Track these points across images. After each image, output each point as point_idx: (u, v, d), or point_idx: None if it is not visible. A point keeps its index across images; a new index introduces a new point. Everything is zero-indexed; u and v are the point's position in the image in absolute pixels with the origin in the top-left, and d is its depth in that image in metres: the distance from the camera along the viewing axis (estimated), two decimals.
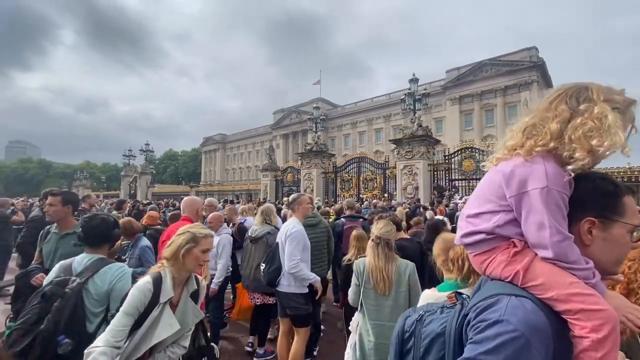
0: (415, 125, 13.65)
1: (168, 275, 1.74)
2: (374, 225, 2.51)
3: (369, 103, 51.08)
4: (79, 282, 1.88)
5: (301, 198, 3.42)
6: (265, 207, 3.93)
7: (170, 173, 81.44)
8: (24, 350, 1.69)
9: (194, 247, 1.80)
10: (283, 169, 21.26)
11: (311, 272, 3.19)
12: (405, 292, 2.32)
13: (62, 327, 1.75)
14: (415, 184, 13.36)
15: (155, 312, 1.65)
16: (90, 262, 2.01)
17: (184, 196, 19.92)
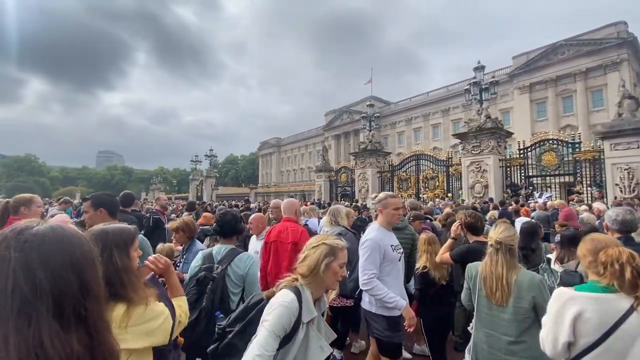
0: (482, 117, 12.46)
1: (307, 292, 1.58)
2: (493, 229, 2.26)
3: (424, 97, 48.60)
4: (222, 268, 2.30)
5: (388, 200, 2.75)
6: (334, 208, 3.76)
7: (231, 176, 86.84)
8: (192, 323, 2.02)
9: (333, 261, 1.62)
10: (336, 169, 21.13)
11: (393, 295, 2.49)
12: (528, 309, 1.99)
13: (216, 304, 2.19)
14: (485, 182, 12.17)
15: (301, 333, 1.50)
16: (226, 251, 2.43)
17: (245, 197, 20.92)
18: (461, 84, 44.58)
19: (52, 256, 0.65)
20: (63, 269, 0.65)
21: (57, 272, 0.64)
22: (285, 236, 3.19)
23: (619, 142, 9.29)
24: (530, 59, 36.50)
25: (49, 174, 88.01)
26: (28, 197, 2.67)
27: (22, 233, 0.66)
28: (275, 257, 3.19)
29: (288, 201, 3.53)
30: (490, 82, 13.10)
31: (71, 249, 0.68)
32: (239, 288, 2.33)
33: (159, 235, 4.95)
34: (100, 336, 0.69)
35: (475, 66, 13.28)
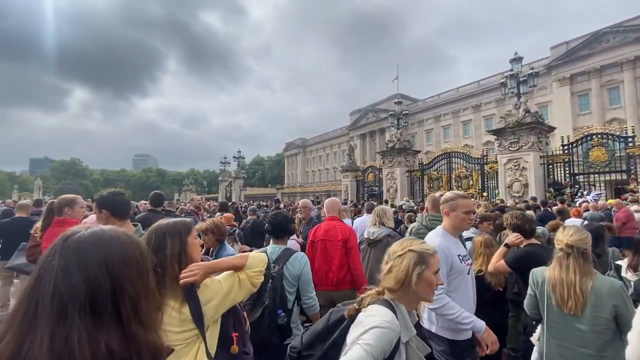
0: (521, 112, 11.71)
1: (402, 308, 1.40)
2: (561, 231, 2.04)
3: (454, 93, 46.84)
4: (279, 268, 2.35)
5: (458, 201, 2.29)
6: (380, 208, 3.67)
7: (258, 177, 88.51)
8: (256, 320, 2.14)
9: (425, 270, 1.41)
10: (363, 169, 20.81)
11: (469, 314, 2.06)
12: (609, 319, 1.76)
13: (277, 303, 2.25)
14: (524, 181, 11.44)
15: (401, 355, 1.30)
16: (280, 251, 2.47)
17: (271, 197, 21.10)
18: (493, 79, 42.62)
19: (88, 259, 0.68)
20: (98, 270, 0.68)
21: (92, 274, 0.67)
22: (334, 234, 3.19)
23: None
24: (571, 48, 34.18)
25: (91, 177, 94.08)
26: (71, 198, 2.72)
27: (67, 239, 0.71)
28: (323, 255, 3.22)
29: (331, 200, 3.55)
30: (529, 74, 12.30)
31: (107, 251, 0.71)
32: (294, 287, 2.40)
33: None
34: (139, 335, 0.69)
35: (511, 57, 12.53)
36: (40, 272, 0.67)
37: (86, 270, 0.67)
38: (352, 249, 3.19)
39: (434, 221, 3.03)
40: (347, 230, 3.26)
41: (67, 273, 0.65)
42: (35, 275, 0.67)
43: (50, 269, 0.66)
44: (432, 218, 3.11)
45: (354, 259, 3.17)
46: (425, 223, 3.06)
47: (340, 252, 3.16)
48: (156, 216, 3.95)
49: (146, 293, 0.74)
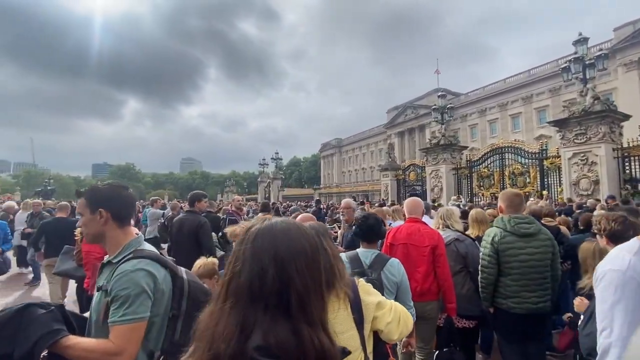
0: (588, 99, 10.36)
1: None
2: None
3: (500, 85, 43.71)
4: (377, 274, 2.18)
5: None
6: (445, 210, 3.28)
7: (294, 178, 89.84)
8: None
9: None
10: (404, 167, 19.95)
11: None
12: None
13: None
14: (594, 177, 10.09)
15: None
16: (374, 256, 2.28)
17: (309, 197, 21.01)
18: (545, 67, 39.08)
19: (259, 251, 0.71)
20: (268, 262, 0.69)
21: (264, 265, 0.69)
22: (419, 239, 2.84)
23: None
24: (638, 29, 30.22)
25: (144, 180, 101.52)
26: None
27: (247, 231, 0.76)
28: (405, 262, 2.81)
29: (413, 200, 3.22)
30: (597, 56, 10.89)
31: (276, 243, 0.72)
32: (393, 296, 2.21)
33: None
34: (304, 333, 0.66)
35: (575, 39, 11.16)
36: (230, 260, 0.74)
37: (259, 261, 0.69)
38: (441, 256, 2.82)
39: (521, 224, 2.53)
40: (435, 236, 2.90)
41: (245, 264, 0.70)
42: (230, 263, 0.74)
43: (234, 259, 0.73)
44: (518, 221, 2.56)
45: (443, 268, 2.80)
46: (511, 228, 2.52)
47: (427, 259, 2.81)
48: (195, 217, 3.90)
49: (315, 289, 0.72)
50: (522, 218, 2.55)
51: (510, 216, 2.56)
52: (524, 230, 2.49)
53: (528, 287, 2.42)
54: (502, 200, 2.70)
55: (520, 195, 2.73)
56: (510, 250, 2.45)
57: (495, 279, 2.53)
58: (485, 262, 2.58)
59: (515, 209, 2.62)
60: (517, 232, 2.47)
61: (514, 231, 2.48)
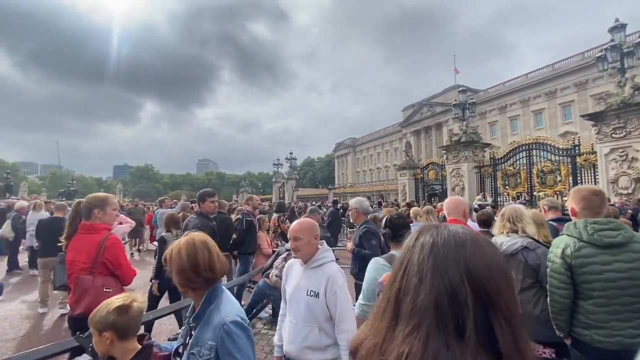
0: (627, 89, 9.54)
1: None
2: None
3: (522, 80, 42.02)
4: None
5: None
6: (512, 209, 2.69)
7: (309, 178, 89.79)
8: None
9: None
10: (423, 166, 19.28)
11: None
12: None
13: None
14: (635, 174, 9.27)
15: None
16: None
17: (323, 197, 20.51)
18: (569, 61, 37.27)
19: (444, 263, 0.60)
20: (457, 277, 0.57)
21: (453, 281, 0.58)
22: None
23: None
24: None
25: (162, 180, 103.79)
26: (102, 198, 2.26)
27: (417, 238, 0.67)
28: None
29: (454, 200, 2.91)
30: (637, 44, 10.01)
31: (466, 255, 0.60)
32: None
33: (250, 240, 4.59)
34: None
35: (611, 26, 10.32)
36: (399, 271, 0.64)
37: (445, 276, 0.57)
38: None
39: (604, 231, 1.91)
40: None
41: (426, 278, 0.58)
42: (398, 275, 0.64)
43: (405, 270, 0.62)
44: (599, 227, 1.93)
45: None
46: (589, 237, 1.92)
47: None
48: (204, 223, 3.51)
49: (517, 313, 0.59)
50: (605, 223, 1.94)
51: (586, 221, 1.96)
52: (609, 239, 1.87)
53: (620, 315, 1.82)
54: (576, 201, 2.08)
55: (601, 194, 2.09)
56: (591, 266, 1.88)
57: (571, 303, 1.98)
58: (555, 280, 2.01)
59: (594, 212, 2.00)
60: (598, 242, 1.89)
61: (593, 241, 1.90)
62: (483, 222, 3.47)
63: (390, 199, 25.74)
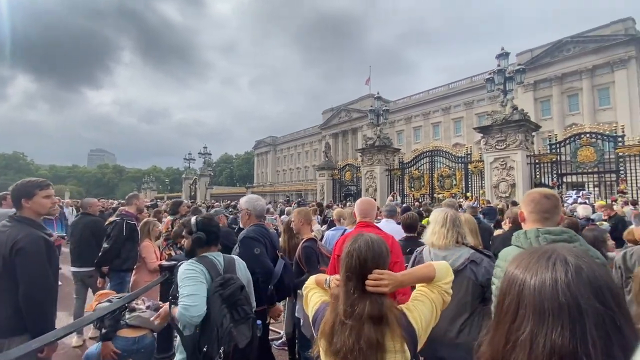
0: (508, 109, 11.25)
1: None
2: None
3: (425, 96, 47.68)
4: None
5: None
6: (450, 215, 2.19)
7: (225, 175, 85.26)
8: None
9: None
10: (340, 167, 19.85)
11: None
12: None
13: None
14: (511, 180, 10.96)
15: None
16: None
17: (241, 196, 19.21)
18: (461, 83, 43.79)
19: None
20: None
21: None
22: None
23: None
24: (535, 56, 35.66)
25: (37, 172, 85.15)
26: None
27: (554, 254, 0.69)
28: None
29: (365, 201, 2.58)
30: (516, 71, 11.94)
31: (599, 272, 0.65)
32: None
33: (129, 252, 3.58)
34: None
35: (498, 53, 12.08)
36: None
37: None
38: (398, 265, 2.20)
39: (558, 243, 1.54)
40: (387, 240, 2.18)
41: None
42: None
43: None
44: (552, 238, 1.62)
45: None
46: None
47: None
48: (20, 231, 1.98)
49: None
50: (558, 233, 1.62)
51: (538, 230, 1.63)
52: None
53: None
54: (525, 203, 1.78)
55: (553, 198, 1.75)
56: None
57: None
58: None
59: (542, 217, 1.69)
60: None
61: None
62: (408, 227, 3.17)
63: (309, 198, 25.92)
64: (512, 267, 0.71)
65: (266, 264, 2.55)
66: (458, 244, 2.15)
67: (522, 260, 0.70)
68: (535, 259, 0.67)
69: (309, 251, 2.84)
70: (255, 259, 2.49)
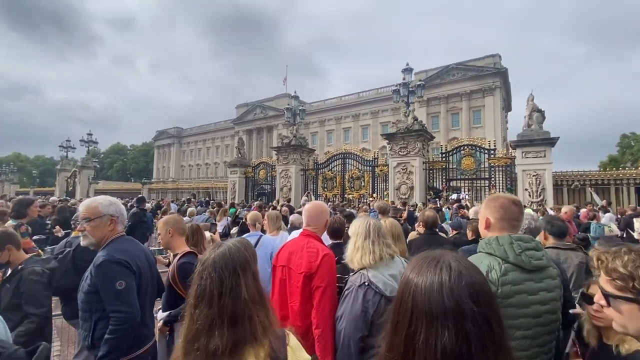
0: (410, 119, 12.48)
1: None
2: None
3: (337, 101, 50.28)
4: None
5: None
6: (372, 223, 1.87)
7: (117, 168, 74.13)
8: None
9: None
10: (255, 164, 19.12)
11: None
12: None
13: None
14: (410, 184, 12.18)
15: None
16: None
17: (135, 193, 16.68)
18: (369, 93, 47.70)
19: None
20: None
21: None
22: (297, 261, 1.99)
23: (529, 150, 10.28)
24: (429, 76, 41.15)
25: None
26: None
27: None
28: (282, 292, 2.04)
29: (314, 206, 2.21)
30: (418, 85, 13.33)
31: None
32: None
33: None
34: None
35: (403, 68, 13.30)
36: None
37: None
38: (319, 291, 1.85)
39: (530, 251, 1.50)
40: (315, 256, 1.93)
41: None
42: None
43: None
44: (526, 246, 1.53)
45: (320, 309, 1.82)
46: (516, 258, 1.48)
47: (300, 292, 1.91)
48: None
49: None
50: (528, 240, 1.54)
51: (511, 237, 1.51)
52: (536, 261, 1.47)
53: (533, 344, 1.41)
54: (492, 209, 1.61)
55: (520, 205, 1.64)
56: (518, 297, 1.40)
57: None
58: None
59: (511, 225, 1.57)
60: (526, 265, 1.44)
61: (520, 263, 1.44)
62: (335, 233, 2.67)
63: (219, 197, 24.31)
64: (407, 271, 0.76)
65: (132, 305, 1.76)
66: (390, 257, 1.82)
67: (416, 264, 0.74)
68: (427, 264, 0.73)
69: (187, 269, 2.06)
70: (116, 295, 1.71)
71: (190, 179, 59.12)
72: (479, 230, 1.69)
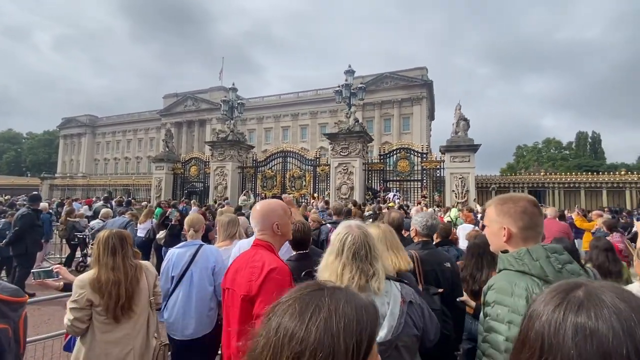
0: (352, 120, 12.67)
1: None
2: None
3: (276, 99, 49.47)
4: None
5: None
6: (352, 237, 1.34)
7: (8, 160, 61.92)
8: None
9: None
10: (185, 160, 17.51)
11: None
12: None
13: None
14: (351, 184, 12.37)
15: None
16: None
17: (32, 190, 13.99)
18: (308, 94, 48.01)
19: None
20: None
21: None
22: (239, 280, 1.58)
23: (456, 155, 11.24)
24: (365, 82, 42.97)
25: None
26: None
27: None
28: (225, 314, 1.69)
29: (265, 206, 1.79)
30: (359, 88, 13.60)
31: None
32: None
33: None
34: None
35: (346, 69, 13.46)
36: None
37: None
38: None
39: (567, 264, 1.22)
40: (257, 274, 1.51)
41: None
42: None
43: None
44: (563, 259, 1.26)
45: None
46: (556, 275, 1.17)
47: (238, 314, 1.52)
48: None
49: None
50: (561, 251, 1.26)
51: (545, 249, 1.24)
52: (576, 276, 1.19)
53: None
54: (514, 216, 1.31)
55: (537, 204, 1.37)
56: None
57: None
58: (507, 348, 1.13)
59: (537, 233, 1.31)
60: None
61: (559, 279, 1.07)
62: (299, 243, 2.28)
63: (140, 195, 21.78)
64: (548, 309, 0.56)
65: None
66: (365, 281, 1.30)
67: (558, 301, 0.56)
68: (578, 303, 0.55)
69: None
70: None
71: (106, 175, 52.19)
72: (490, 242, 1.41)
